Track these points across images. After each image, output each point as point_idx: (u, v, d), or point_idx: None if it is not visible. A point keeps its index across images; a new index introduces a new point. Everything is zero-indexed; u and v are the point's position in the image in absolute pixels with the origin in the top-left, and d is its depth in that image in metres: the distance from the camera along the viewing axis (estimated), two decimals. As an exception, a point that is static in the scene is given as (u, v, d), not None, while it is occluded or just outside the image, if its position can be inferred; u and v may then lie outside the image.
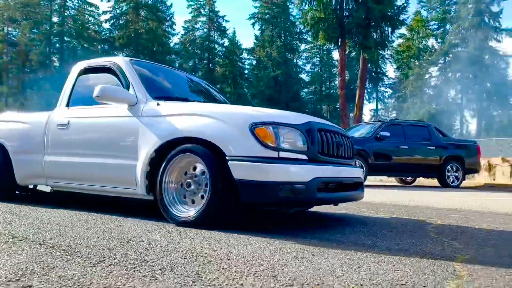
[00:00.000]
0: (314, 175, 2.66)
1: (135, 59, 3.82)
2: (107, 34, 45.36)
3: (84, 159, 3.48)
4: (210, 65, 48.90)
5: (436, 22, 44.03)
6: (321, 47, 44.56)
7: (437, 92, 40.58)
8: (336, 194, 2.98)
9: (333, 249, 2.18)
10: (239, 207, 2.86)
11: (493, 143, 24.91)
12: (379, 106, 50.85)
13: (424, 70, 41.75)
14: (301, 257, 1.98)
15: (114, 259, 1.81)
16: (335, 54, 42.18)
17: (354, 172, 3.29)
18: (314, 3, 25.77)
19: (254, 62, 49.18)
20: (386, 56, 45.52)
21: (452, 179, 10.03)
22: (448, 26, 43.15)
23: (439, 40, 43.11)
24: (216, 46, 49.58)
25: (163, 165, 2.94)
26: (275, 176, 2.58)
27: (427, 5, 44.69)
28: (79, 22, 43.14)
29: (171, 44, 47.76)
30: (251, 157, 2.63)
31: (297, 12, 41.68)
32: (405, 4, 28.61)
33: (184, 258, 1.86)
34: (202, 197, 2.79)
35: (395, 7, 28.52)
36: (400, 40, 42.85)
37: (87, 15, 44.53)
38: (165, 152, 2.96)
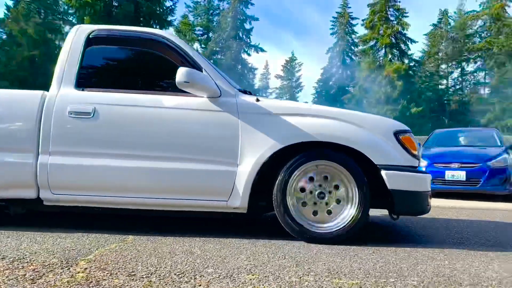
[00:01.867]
0: None
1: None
2: None
3: (134, 162, 2.61)
4: None
5: (201, 29, 48.20)
6: (88, 32, 42.01)
7: (199, 93, 44.65)
8: None
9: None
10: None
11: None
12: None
13: (189, 71, 45.13)
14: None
15: None
16: (104, 43, 40.52)
17: None
18: (81, -15, 24.33)
19: (4, 37, 42.07)
20: (156, 52, 46.84)
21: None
22: (211, 34, 47.91)
23: (202, 45, 47.40)
24: (-50, 8, 39.93)
25: (285, 172, 2.55)
26: (427, 186, 2.63)
27: (193, 11, 48.38)
28: None
29: None
30: (404, 167, 2.58)
31: (62, -10, 38.03)
32: (173, 6, 30.23)
33: None
34: (329, 212, 2.57)
35: (164, 7, 29.75)
36: (169, 40, 44.94)
37: None
38: (281, 157, 2.58)
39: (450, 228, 3.35)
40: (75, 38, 2.87)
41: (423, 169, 6.13)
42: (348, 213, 2.53)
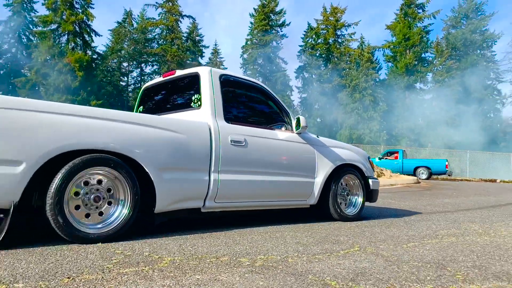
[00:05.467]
0: None
1: None
2: None
3: (265, 177, 3.69)
4: None
5: None
6: None
7: None
8: None
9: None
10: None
11: None
12: None
13: None
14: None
15: None
16: None
17: None
18: None
19: None
20: None
21: None
22: None
23: None
24: None
25: (334, 181, 4.27)
26: (379, 186, 4.77)
27: None
28: None
29: None
30: (374, 177, 4.75)
31: None
32: None
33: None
34: (353, 201, 4.54)
35: None
36: None
37: None
38: (333, 172, 4.30)
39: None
40: (213, 79, 3.60)
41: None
42: (359, 202, 4.54)
